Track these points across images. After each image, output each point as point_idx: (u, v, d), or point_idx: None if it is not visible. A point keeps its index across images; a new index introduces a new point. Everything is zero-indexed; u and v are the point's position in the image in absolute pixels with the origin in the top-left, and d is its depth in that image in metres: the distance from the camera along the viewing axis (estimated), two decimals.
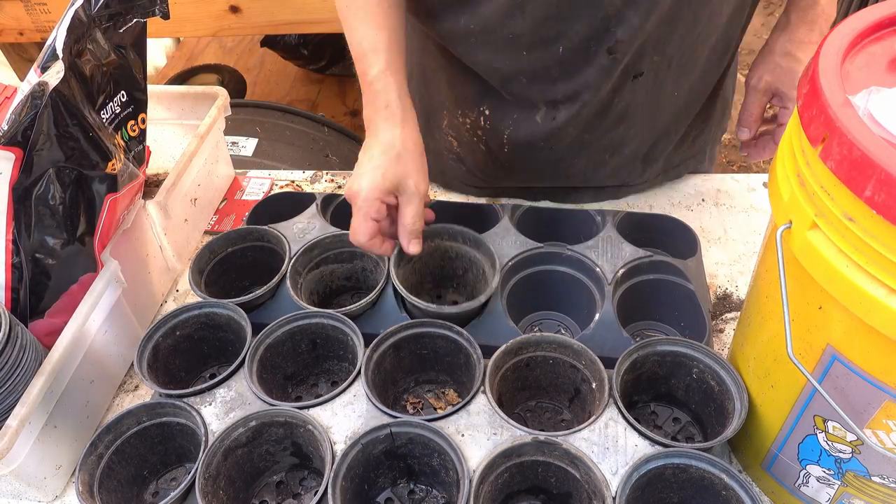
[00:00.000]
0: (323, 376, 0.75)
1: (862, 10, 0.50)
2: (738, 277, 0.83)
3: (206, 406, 0.66)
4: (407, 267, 0.77)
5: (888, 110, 0.43)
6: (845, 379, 0.49)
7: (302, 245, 0.79)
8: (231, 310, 0.73)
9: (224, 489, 0.62)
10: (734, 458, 0.66)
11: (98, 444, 0.63)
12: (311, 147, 1.54)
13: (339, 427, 0.64)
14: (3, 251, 0.66)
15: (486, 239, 0.78)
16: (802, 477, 0.58)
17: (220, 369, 0.74)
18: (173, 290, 0.88)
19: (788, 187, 0.48)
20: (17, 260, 0.66)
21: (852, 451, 0.52)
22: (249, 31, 1.59)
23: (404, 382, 0.73)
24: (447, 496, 0.64)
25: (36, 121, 0.62)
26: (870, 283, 0.43)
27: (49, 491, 0.68)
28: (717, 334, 0.77)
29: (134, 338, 0.78)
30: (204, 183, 0.93)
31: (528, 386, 0.70)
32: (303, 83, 2.47)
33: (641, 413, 0.69)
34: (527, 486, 0.63)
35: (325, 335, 0.72)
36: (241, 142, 1.48)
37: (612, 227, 0.79)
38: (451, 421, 0.63)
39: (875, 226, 0.41)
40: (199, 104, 0.96)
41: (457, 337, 0.68)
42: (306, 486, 0.67)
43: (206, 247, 0.80)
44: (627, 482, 0.57)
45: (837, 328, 0.48)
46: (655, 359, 0.66)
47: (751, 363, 0.60)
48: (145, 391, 0.77)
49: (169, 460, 0.69)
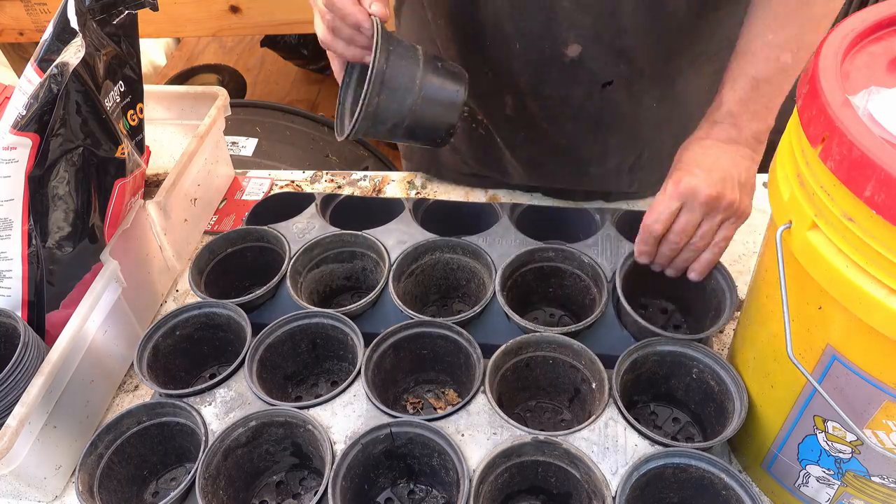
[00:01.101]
0: (323, 376, 0.75)
1: (862, 10, 0.50)
2: (737, 277, 0.83)
3: (206, 406, 0.66)
4: (409, 280, 0.77)
5: (888, 110, 0.43)
6: (845, 379, 0.49)
7: (302, 245, 0.79)
8: (231, 310, 0.73)
9: (224, 489, 0.62)
10: (734, 458, 0.66)
11: (98, 444, 0.63)
12: (310, 147, 1.54)
13: (339, 427, 0.64)
14: (19, 242, 0.66)
15: (487, 238, 0.78)
16: (802, 477, 0.58)
17: (220, 369, 0.74)
18: (173, 290, 0.88)
19: (788, 187, 0.48)
20: (33, 250, 0.67)
21: (852, 451, 0.52)
22: (249, 31, 1.59)
23: (404, 382, 0.73)
24: (447, 496, 0.64)
25: (56, 104, 0.62)
26: (870, 283, 0.43)
27: (49, 491, 0.68)
28: (717, 334, 0.77)
29: (134, 338, 0.78)
30: (204, 183, 0.93)
31: (528, 386, 0.70)
32: (303, 83, 2.47)
33: (641, 413, 0.69)
34: (527, 485, 0.63)
35: (325, 335, 0.72)
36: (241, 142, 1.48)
37: (611, 225, 0.79)
38: (451, 421, 0.63)
39: (875, 226, 0.41)
40: (199, 104, 0.96)
41: (457, 337, 0.68)
42: (306, 486, 0.67)
43: (205, 247, 0.80)
44: (627, 482, 0.57)
45: (837, 328, 0.48)
46: (655, 359, 0.66)
47: (751, 363, 0.61)
48: (145, 391, 0.77)
49: (169, 460, 0.69)
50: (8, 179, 0.63)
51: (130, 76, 0.75)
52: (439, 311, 0.81)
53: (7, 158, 0.62)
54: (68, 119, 0.64)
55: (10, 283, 0.68)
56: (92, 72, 0.68)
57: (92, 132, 0.67)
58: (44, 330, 0.70)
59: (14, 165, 0.63)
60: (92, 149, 0.67)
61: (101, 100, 0.69)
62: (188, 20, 1.53)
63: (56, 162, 0.65)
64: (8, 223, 0.65)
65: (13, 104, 0.67)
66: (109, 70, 0.72)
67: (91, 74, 0.68)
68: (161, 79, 2.30)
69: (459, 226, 0.82)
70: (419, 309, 0.77)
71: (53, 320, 0.69)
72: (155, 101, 0.96)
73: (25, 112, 0.61)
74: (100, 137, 0.68)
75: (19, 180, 0.63)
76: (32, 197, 0.64)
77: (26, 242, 0.66)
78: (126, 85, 0.75)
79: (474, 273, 0.78)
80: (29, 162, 0.63)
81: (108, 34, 0.72)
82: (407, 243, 0.78)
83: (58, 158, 0.65)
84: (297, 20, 1.52)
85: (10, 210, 0.65)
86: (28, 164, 0.63)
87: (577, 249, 0.75)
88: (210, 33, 1.56)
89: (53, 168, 0.65)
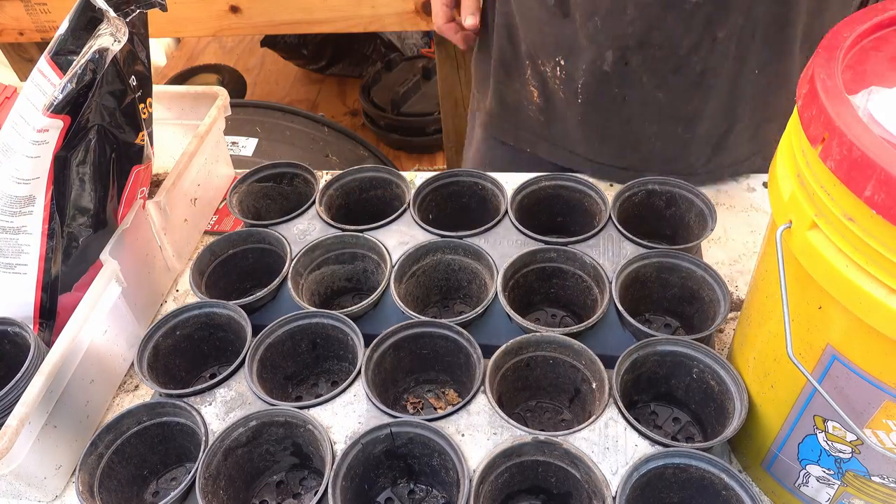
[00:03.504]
0: (323, 376, 0.75)
1: (862, 9, 0.50)
2: (738, 277, 0.84)
3: (206, 406, 0.66)
4: (411, 281, 0.77)
5: (888, 110, 0.43)
6: (845, 379, 0.49)
7: (303, 246, 0.79)
8: (231, 310, 0.73)
9: (224, 489, 0.62)
10: (734, 458, 0.66)
11: (98, 444, 0.63)
12: (311, 147, 1.54)
13: (339, 427, 0.64)
14: (40, 220, 0.67)
15: (488, 239, 0.78)
16: (802, 477, 0.58)
17: (220, 369, 0.74)
18: (173, 290, 0.88)
19: (788, 187, 0.48)
20: (52, 228, 0.68)
21: (852, 451, 0.52)
22: (249, 31, 1.59)
23: (404, 382, 0.73)
24: (447, 496, 0.64)
25: (91, 88, 0.64)
26: (870, 283, 0.43)
27: (49, 491, 0.68)
28: (717, 334, 0.77)
29: (134, 338, 0.78)
30: (204, 183, 0.93)
31: (528, 386, 0.70)
32: (303, 83, 2.47)
33: (641, 413, 0.69)
34: (527, 485, 0.63)
35: (325, 335, 0.72)
36: (241, 142, 1.48)
37: (612, 225, 0.79)
38: (451, 421, 0.63)
39: (875, 226, 0.41)
40: (199, 104, 0.96)
41: (457, 337, 0.68)
42: (306, 485, 0.67)
43: (207, 248, 0.80)
44: (627, 482, 0.57)
45: (837, 328, 0.48)
46: (655, 359, 0.66)
47: (751, 363, 0.61)
48: (145, 391, 0.77)
49: (169, 460, 0.69)
50: (37, 160, 0.65)
51: (142, 72, 0.76)
52: (441, 313, 0.81)
53: (38, 140, 0.64)
54: (100, 103, 0.66)
55: (28, 258, 0.69)
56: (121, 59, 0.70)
57: (118, 117, 0.69)
58: (55, 311, 0.71)
59: (44, 147, 0.64)
60: (115, 133, 0.69)
61: (130, 85, 0.71)
62: (188, 20, 1.53)
63: (82, 143, 0.66)
64: (31, 200, 0.67)
65: (25, 96, 0.68)
66: (125, 64, 0.73)
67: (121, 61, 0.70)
68: (161, 79, 2.31)
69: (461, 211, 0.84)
70: (420, 310, 0.77)
71: (65, 302, 0.70)
72: (155, 101, 0.95)
73: (61, 95, 0.63)
74: (122, 122, 0.70)
75: (47, 160, 0.65)
76: (56, 177, 0.66)
77: (47, 220, 0.68)
78: (138, 79, 0.76)
79: (476, 274, 0.78)
80: (58, 143, 0.64)
81: None
82: (408, 244, 0.78)
83: (84, 140, 0.66)
84: (297, 20, 1.52)
85: (35, 188, 0.66)
86: (57, 145, 0.64)
87: (578, 250, 0.75)
88: (210, 33, 1.57)
89: (78, 149, 0.66)
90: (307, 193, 0.89)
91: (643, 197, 0.81)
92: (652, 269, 0.74)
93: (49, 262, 0.69)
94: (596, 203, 0.82)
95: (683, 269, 0.73)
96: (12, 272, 0.69)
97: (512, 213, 0.81)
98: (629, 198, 0.81)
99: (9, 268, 0.68)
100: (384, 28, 1.53)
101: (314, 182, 0.88)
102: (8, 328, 0.68)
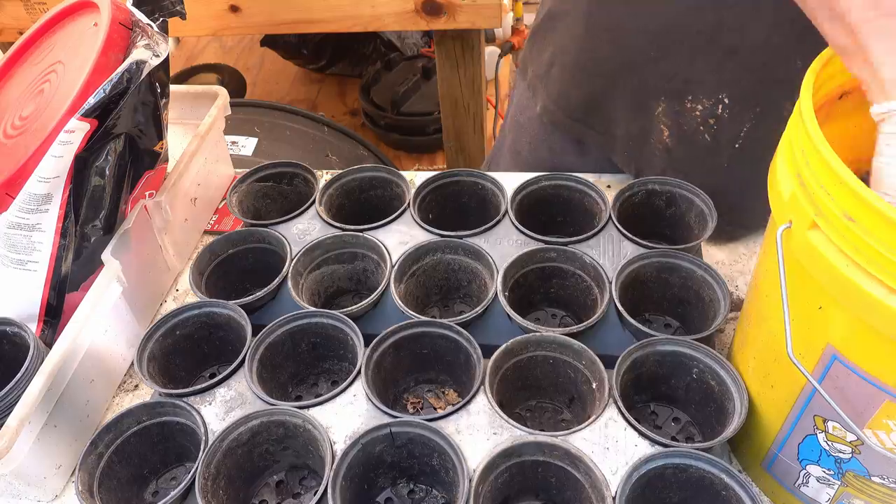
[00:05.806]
0: (323, 376, 0.75)
1: None
2: (737, 277, 0.83)
3: (206, 406, 0.66)
4: (411, 281, 0.77)
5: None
6: (845, 379, 0.49)
7: (303, 246, 0.79)
8: (231, 309, 0.73)
9: (224, 488, 0.62)
10: (734, 458, 0.66)
11: (98, 444, 0.63)
12: (311, 147, 1.54)
13: (338, 427, 0.64)
14: (55, 219, 0.68)
15: (488, 239, 0.78)
16: (802, 477, 0.58)
17: (220, 369, 0.74)
18: (173, 290, 0.88)
19: (788, 187, 0.48)
20: (66, 227, 0.68)
21: (852, 451, 0.52)
22: (249, 31, 1.59)
23: (404, 382, 0.73)
24: (447, 496, 0.64)
25: (124, 98, 0.65)
26: (870, 283, 0.43)
27: (49, 490, 0.68)
28: (718, 334, 0.77)
29: (134, 338, 0.78)
30: (204, 183, 0.93)
31: (528, 386, 0.70)
32: (303, 83, 2.48)
33: (641, 413, 0.69)
34: (527, 486, 0.63)
35: (325, 335, 0.72)
36: (241, 141, 1.48)
37: (612, 225, 0.79)
38: (451, 421, 0.63)
39: (875, 226, 0.41)
40: (198, 104, 0.96)
41: (457, 337, 0.68)
42: (306, 485, 0.67)
43: (206, 248, 0.80)
44: (627, 482, 0.57)
45: (837, 328, 0.48)
46: (655, 359, 0.66)
47: (751, 363, 0.61)
48: (145, 391, 0.77)
49: (169, 460, 0.69)
50: (59, 159, 0.66)
51: (163, 79, 0.77)
52: (441, 312, 0.81)
53: (64, 140, 0.65)
54: (129, 111, 0.68)
55: (39, 256, 0.69)
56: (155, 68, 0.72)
57: (143, 125, 0.71)
58: (62, 310, 0.72)
59: (68, 147, 0.65)
60: (136, 139, 0.71)
61: (159, 95, 0.72)
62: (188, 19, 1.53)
63: (104, 148, 0.68)
64: (48, 198, 0.67)
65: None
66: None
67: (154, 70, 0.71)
68: None
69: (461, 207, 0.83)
70: (420, 310, 0.77)
71: (71, 301, 0.70)
72: None
73: (93, 100, 0.64)
74: (146, 130, 0.72)
75: (68, 160, 0.66)
76: (75, 177, 0.67)
77: (62, 218, 0.68)
78: (160, 86, 0.77)
79: (476, 274, 0.78)
80: (81, 145, 0.65)
81: None
82: (408, 244, 0.78)
83: (106, 144, 0.67)
84: (297, 20, 1.52)
85: (54, 186, 0.67)
86: (79, 147, 0.65)
87: (578, 250, 0.75)
88: (210, 33, 1.56)
89: (100, 152, 0.67)
90: (307, 193, 0.89)
91: (643, 197, 0.81)
92: (652, 269, 0.74)
93: (60, 260, 0.69)
94: (596, 203, 0.82)
95: (683, 269, 0.73)
96: (23, 269, 0.69)
97: (512, 213, 0.81)
98: (629, 198, 0.81)
99: (20, 264, 0.69)
100: (384, 28, 1.52)
101: (314, 182, 0.88)
102: (7, 328, 0.68)
